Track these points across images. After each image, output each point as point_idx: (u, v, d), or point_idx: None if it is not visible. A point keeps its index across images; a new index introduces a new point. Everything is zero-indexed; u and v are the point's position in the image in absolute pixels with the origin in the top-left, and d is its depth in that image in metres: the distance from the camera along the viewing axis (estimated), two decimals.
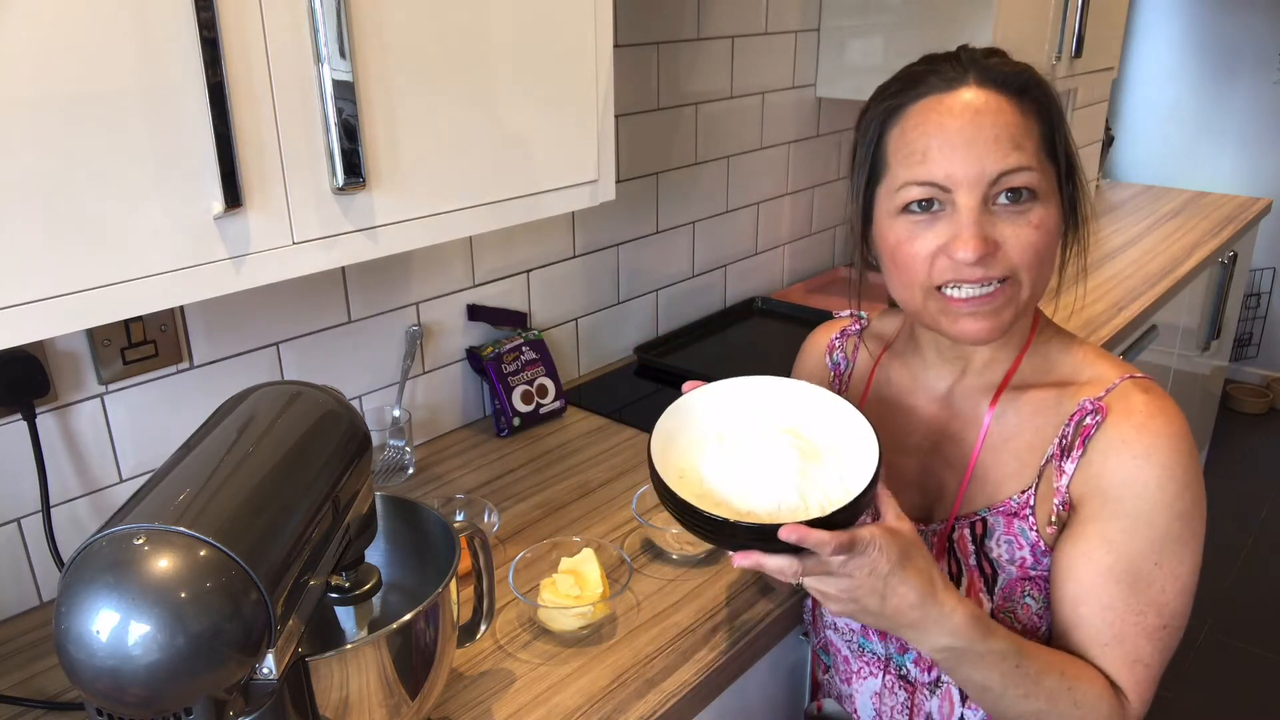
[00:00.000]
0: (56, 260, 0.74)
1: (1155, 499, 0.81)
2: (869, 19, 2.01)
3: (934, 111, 0.82)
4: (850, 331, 1.08)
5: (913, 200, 0.83)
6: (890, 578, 0.75)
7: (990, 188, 0.80)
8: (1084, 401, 0.85)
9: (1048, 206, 0.82)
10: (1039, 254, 0.82)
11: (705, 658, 1.05)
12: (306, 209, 0.88)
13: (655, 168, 1.80)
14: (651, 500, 1.28)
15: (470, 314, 1.55)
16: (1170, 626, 0.83)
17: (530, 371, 1.56)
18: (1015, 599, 0.89)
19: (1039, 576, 0.88)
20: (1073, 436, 0.85)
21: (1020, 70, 0.84)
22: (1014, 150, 0.80)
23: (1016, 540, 0.88)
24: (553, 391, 1.59)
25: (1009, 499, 0.89)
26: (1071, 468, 0.84)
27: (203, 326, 1.22)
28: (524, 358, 1.56)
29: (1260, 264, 3.75)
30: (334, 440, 0.79)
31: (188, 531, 0.62)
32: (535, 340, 1.59)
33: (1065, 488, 0.85)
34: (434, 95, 0.95)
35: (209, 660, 0.60)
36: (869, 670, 1.01)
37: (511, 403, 1.53)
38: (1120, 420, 0.83)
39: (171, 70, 0.76)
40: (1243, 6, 3.63)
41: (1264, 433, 3.64)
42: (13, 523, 1.11)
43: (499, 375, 1.53)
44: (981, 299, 0.82)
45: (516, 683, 1.01)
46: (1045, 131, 0.83)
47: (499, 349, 1.54)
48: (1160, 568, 0.82)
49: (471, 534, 0.95)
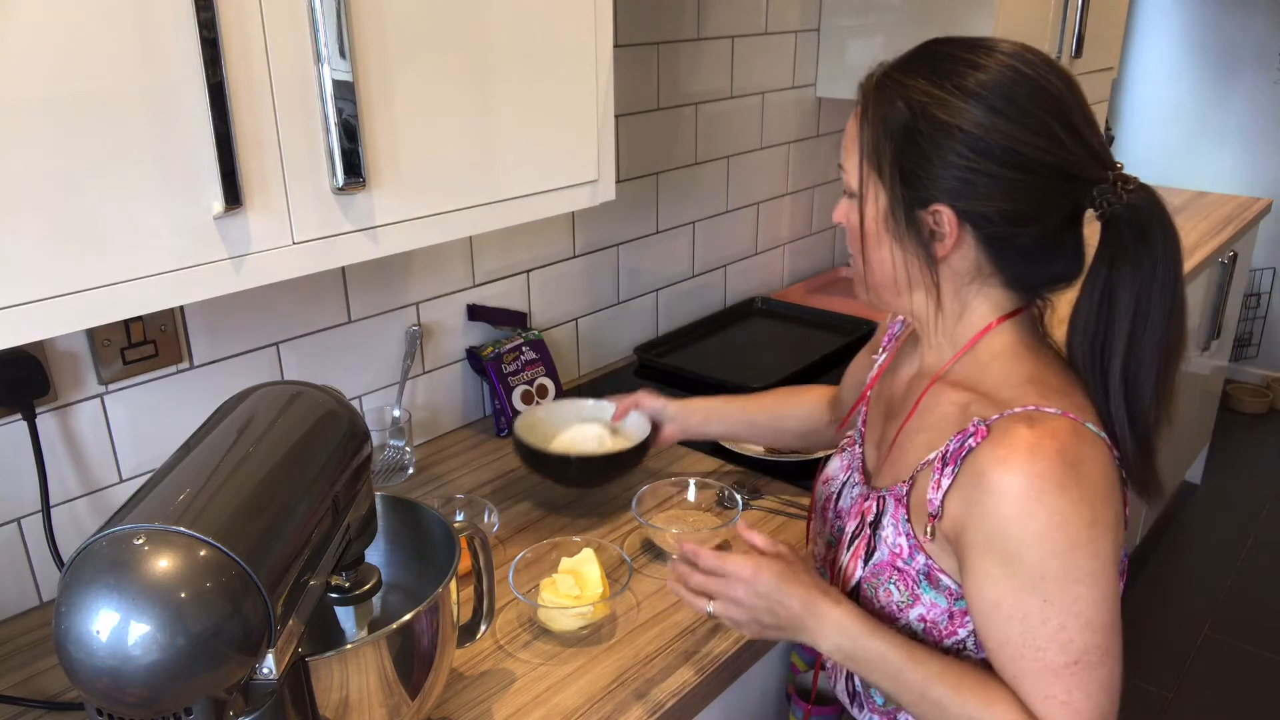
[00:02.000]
0: (56, 260, 0.74)
1: (1019, 537, 0.79)
2: (869, 19, 2.01)
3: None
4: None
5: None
6: (774, 594, 0.90)
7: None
8: (975, 421, 0.85)
9: (854, 205, 0.92)
10: (850, 242, 0.95)
11: (705, 658, 1.05)
12: (306, 209, 0.88)
13: (655, 168, 1.80)
14: (651, 500, 1.28)
15: (470, 314, 1.55)
16: (1083, 662, 0.80)
17: (530, 371, 1.56)
18: (880, 579, 0.92)
19: (907, 572, 0.90)
20: (951, 453, 0.85)
21: (881, 80, 0.89)
22: (844, 151, 0.93)
23: (898, 526, 0.91)
24: (553, 391, 1.59)
25: (898, 484, 0.93)
26: (947, 483, 0.85)
27: (203, 326, 1.22)
28: (524, 358, 1.56)
29: (1260, 264, 3.75)
30: (334, 440, 0.79)
31: (188, 531, 0.62)
32: (535, 340, 1.59)
33: (939, 501, 0.85)
34: (434, 95, 0.95)
35: (209, 660, 0.60)
36: None
37: (511, 402, 1.53)
38: (988, 450, 0.82)
39: (171, 70, 0.76)
40: (1243, 6, 3.63)
41: (1264, 433, 3.64)
42: (13, 523, 1.11)
43: (499, 375, 1.53)
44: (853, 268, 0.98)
45: (516, 683, 1.01)
46: (871, 143, 0.89)
47: (499, 349, 1.54)
48: (1050, 604, 0.79)
49: (471, 534, 0.95)
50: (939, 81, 0.84)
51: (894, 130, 0.86)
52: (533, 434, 1.36)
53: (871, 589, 0.93)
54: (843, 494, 1.05)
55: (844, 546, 0.97)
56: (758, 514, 1.32)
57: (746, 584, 0.91)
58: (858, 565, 0.94)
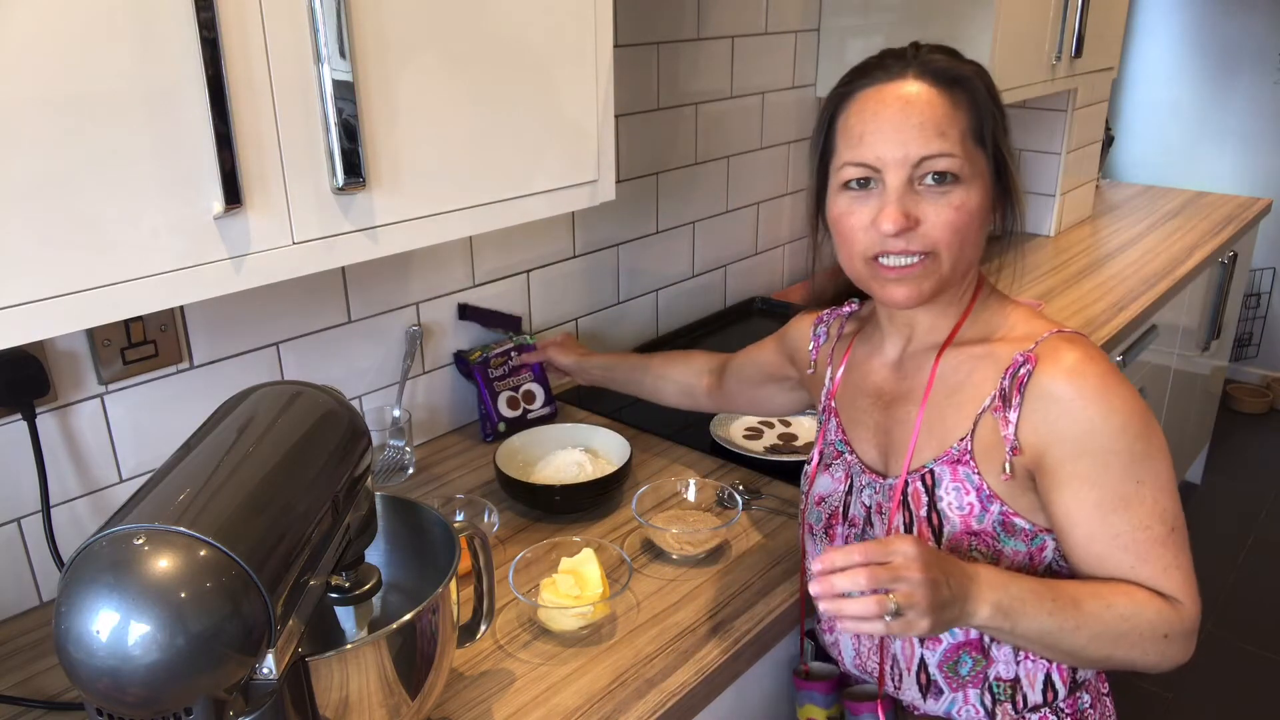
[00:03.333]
0: (57, 260, 0.74)
1: (1107, 430, 0.88)
2: (869, 19, 2.01)
3: (873, 100, 0.92)
4: (839, 312, 1.16)
5: (851, 178, 0.93)
6: (941, 559, 0.83)
7: (915, 169, 0.90)
8: (1016, 355, 0.92)
9: (970, 190, 0.91)
10: (958, 232, 0.91)
11: (705, 658, 1.05)
12: (306, 209, 0.88)
13: (655, 168, 1.80)
14: (651, 500, 1.28)
15: (461, 313, 1.51)
16: (1177, 528, 0.90)
17: (517, 378, 1.54)
18: (961, 552, 0.94)
19: (984, 532, 0.93)
20: (1010, 387, 0.91)
21: (954, 66, 0.92)
22: (937, 137, 0.89)
23: (963, 486, 0.94)
24: (541, 398, 1.56)
25: (950, 448, 0.95)
26: (1015, 416, 0.91)
27: (203, 326, 1.22)
28: (512, 363, 1.53)
29: (1260, 264, 3.75)
30: (334, 440, 0.79)
31: (188, 531, 0.62)
32: (527, 346, 1.56)
33: (1013, 435, 0.91)
34: (434, 95, 0.95)
35: (209, 660, 0.60)
36: None
37: (497, 408, 1.51)
38: (1050, 369, 0.90)
39: (171, 70, 0.76)
40: (1243, 6, 3.63)
41: (1264, 433, 3.64)
42: (13, 523, 1.11)
43: (485, 380, 1.51)
44: (904, 269, 0.92)
45: (516, 683, 1.01)
46: (973, 122, 0.92)
47: (487, 354, 1.51)
48: (1143, 485, 0.88)
49: (471, 534, 0.95)
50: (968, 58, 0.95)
51: (989, 111, 0.93)
52: (512, 463, 1.36)
53: None
54: (850, 505, 1.05)
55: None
56: (758, 514, 1.32)
57: (918, 558, 0.79)
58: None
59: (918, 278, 0.93)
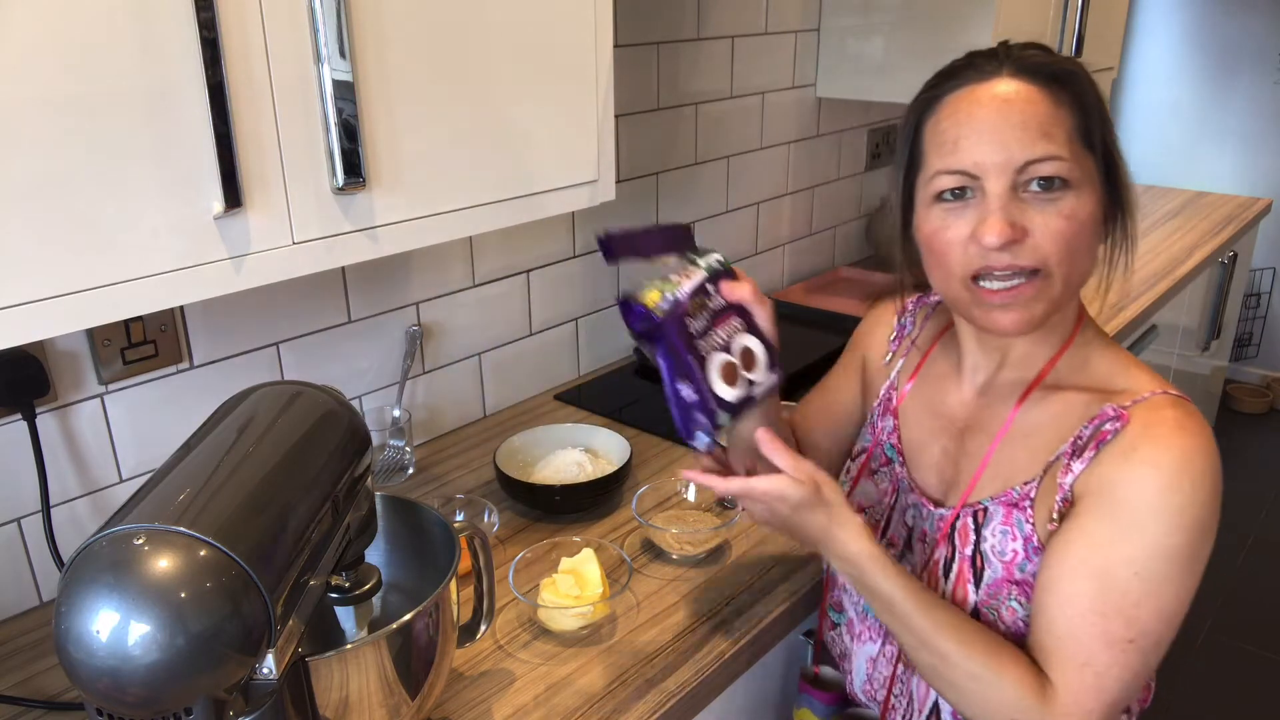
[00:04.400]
0: (56, 260, 0.74)
1: (1154, 507, 0.79)
2: (869, 19, 2.01)
3: (965, 101, 0.84)
4: (925, 300, 1.08)
5: (945, 189, 0.84)
6: (791, 517, 0.88)
7: (1018, 175, 0.81)
8: (1106, 407, 0.83)
9: (1080, 196, 0.82)
10: (1069, 243, 0.82)
11: (705, 658, 1.05)
12: (306, 209, 0.88)
13: (655, 168, 1.80)
14: (651, 500, 1.28)
15: (605, 250, 0.91)
16: (1138, 644, 0.79)
17: (724, 328, 0.91)
18: (1000, 599, 0.88)
19: (1025, 582, 0.87)
20: (1088, 439, 0.83)
21: (1054, 61, 0.84)
22: (1042, 138, 0.80)
23: (1012, 531, 0.88)
24: (763, 357, 0.92)
25: (1011, 489, 0.89)
26: (1080, 467, 0.83)
27: (203, 326, 1.22)
28: (713, 304, 0.91)
29: (1260, 264, 3.75)
30: (334, 440, 0.79)
31: (188, 531, 0.62)
32: (720, 271, 0.93)
33: (1069, 485, 0.83)
34: (434, 95, 0.95)
35: (209, 660, 0.60)
36: (870, 635, 1.01)
37: (709, 381, 0.88)
38: (1138, 429, 0.81)
39: (171, 70, 0.76)
40: (1243, 6, 3.63)
41: (1264, 433, 3.64)
42: (13, 523, 1.11)
43: (684, 340, 0.88)
44: (1012, 291, 0.83)
45: (516, 683, 1.01)
46: (1080, 121, 0.83)
47: (673, 292, 0.88)
48: (1139, 579, 0.78)
49: (471, 534, 0.95)
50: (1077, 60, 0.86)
51: (1097, 109, 0.85)
52: (512, 463, 1.36)
53: (992, 611, 0.88)
54: (892, 521, 1.01)
55: (939, 574, 0.92)
56: None
57: (766, 505, 0.89)
58: (968, 591, 0.90)
59: (1028, 301, 0.83)
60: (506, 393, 1.65)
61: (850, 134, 2.31)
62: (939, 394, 1.00)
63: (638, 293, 0.89)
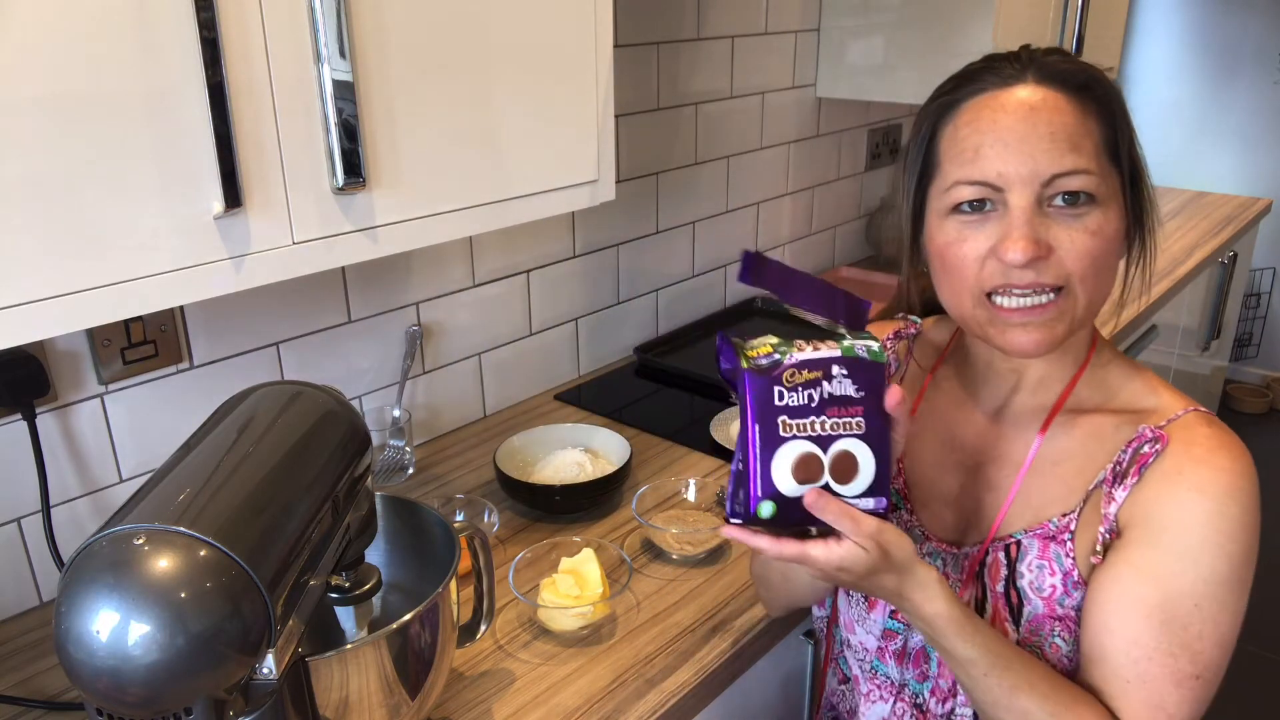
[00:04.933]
0: (57, 260, 0.74)
1: (1204, 536, 0.76)
2: (869, 19, 2.01)
3: (987, 108, 0.79)
4: (904, 334, 1.01)
5: (963, 200, 0.80)
6: (858, 584, 0.77)
7: (1044, 188, 0.77)
8: (1143, 429, 0.80)
9: (1107, 212, 0.78)
10: (1095, 261, 0.78)
11: (705, 658, 1.05)
12: (306, 209, 0.88)
13: (655, 168, 1.80)
14: (652, 500, 1.28)
15: (746, 268, 0.77)
16: (1203, 679, 0.76)
17: (835, 417, 0.75)
18: (1043, 635, 0.84)
19: (1067, 616, 0.83)
20: (1128, 464, 0.80)
21: (1082, 68, 0.80)
22: (1070, 150, 0.76)
23: (1050, 565, 0.83)
24: (868, 473, 0.75)
25: (1048, 522, 0.84)
26: (1123, 495, 0.79)
27: (203, 326, 1.22)
28: (828, 389, 0.75)
29: (1260, 264, 3.75)
30: (334, 440, 0.79)
31: (188, 531, 0.62)
32: (861, 359, 0.75)
33: (1114, 515, 0.80)
34: (434, 95, 0.95)
35: (209, 660, 0.60)
36: (879, 694, 0.97)
37: (769, 468, 0.74)
38: (1180, 451, 0.78)
39: (171, 70, 0.76)
40: (1243, 6, 3.63)
41: (1264, 433, 3.64)
42: (13, 523, 1.11)
43: (759, 404, 0.74)
44: (1032, 309, 0.78)
45: (516, 683, 1.01)
46: (1107, 133, 0.79)
47: (781, 355, 0.76)
48: (1200, 610, 0.76)
49: (471, 534, 0.95)
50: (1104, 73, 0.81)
51: (1123, 119, 0.80)
52: (512, 463, 1.36)
53: (1035, 650, 0.84)
54: None
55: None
56: None
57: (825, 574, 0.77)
58: (1007, 629, 0.85)
59: (1050, 321, 0.78)
60: (506, 393, 1.65)
61: (850, 134, 2.31)
62: (948, 426, 0.94)
63: (750, 341, 0.78)
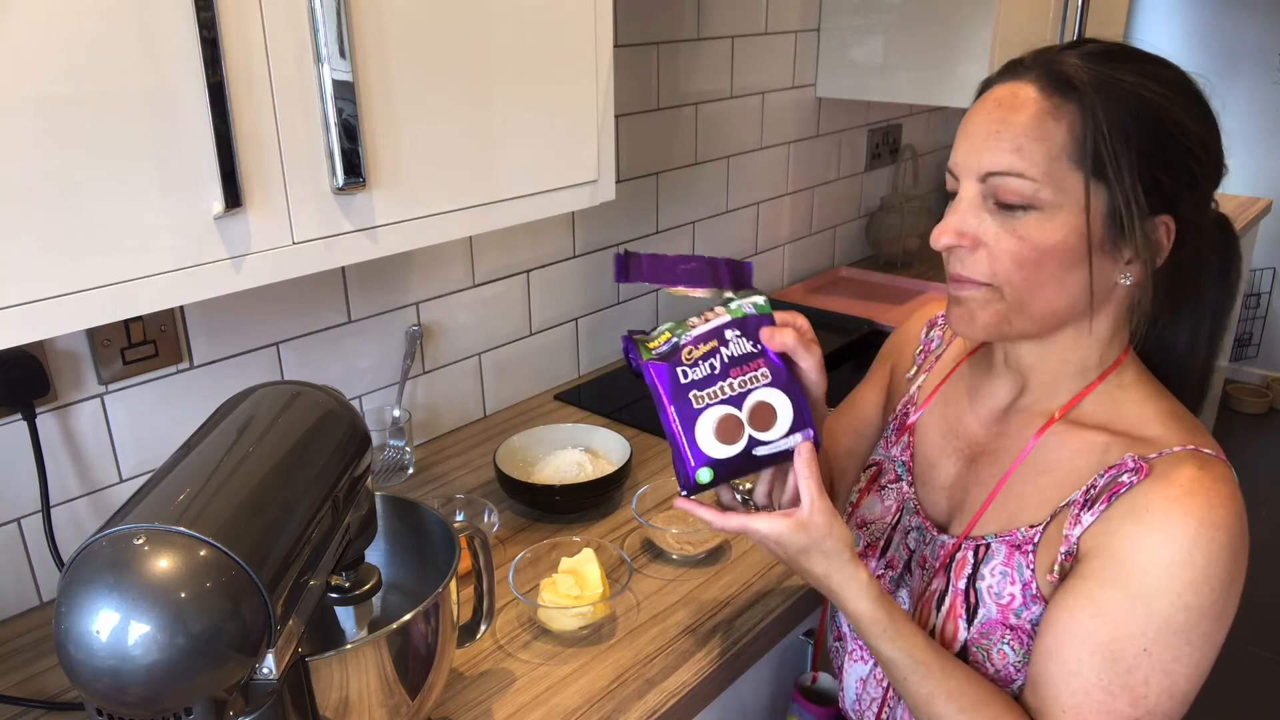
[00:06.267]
0: (57, 260, 0.74)
1: (1163, 583, 0.74)
2: (869, 19, 2.01)
3: (983, 100, 0.82)
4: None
5: (947, 186, 0.84)
6: (795, 560, 0.85)
7: (982, 184, 0.79)
8: (1127, 457, 0.79)
9: (1048, 220, 0.76)
10: (1021, 266, 0.77)
11: (705, 658, 1.05)
12: (306, 209, 0.88)
13: (655, 168, 1.80)
14: (652, 500, 1.28)
15: (620, 269, 0.88)
16: None
17: (739, 375, 0.84)
18: (991, 640, 0.85)
19: (1020, 627, 0.83)
20: (1101, 489, 0.79)
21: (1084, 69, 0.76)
22: (1011, 152, 0.76)
23: (1011, 574, 0.83)
24: (787, 417, 0.84)
25: (1016, 530, 0.85)
26: (1089, 519, 0.79)
27: (203, 326, 1.22)
28: (727, 352, 0.85)
29: (1260, 264, 3.75)
30: (334, 440, 0.79)
31: (188, 531, 0.62)
32: (758, 316, 0.86)
33: (1075, 538, 0.79)
34: (434, 95, 0.95)
35: (209, 660, 0.60)
36: (860, 655, 0.99)
37: (696, 439, 0.83)
38: (1155, 487, 0.76)
39: (171, 70, 0.76)
40: (1243, 6, 3.63)
41: (1264, 433, 3.64)
42: (13, 523, 1.11)
43: (671, 387, 0.83)
44: (961, 283, 0.82)
45: (516, 683, 1.01)
46: (1080, 139, 0.75)
47: (678, 335, 0.85)
48: (1149, 655, 0.74)
49: (471, 534, 0.95)
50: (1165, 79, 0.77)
51: (1132, 130, 0.75)
52: (512, 463, 1.36)
53: (982, 651, 0.85)
54: (893, 542, 0.97)
55: (932, 606, 0.89)
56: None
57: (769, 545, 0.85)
58: (959, 626, 0.86)
59: (971, 303, 0.82)
60: (506, 393, 1.65)
61: (850, 134, 2.31)
62: (957, 414, 0.96)
63: (650, 333, 0.86)
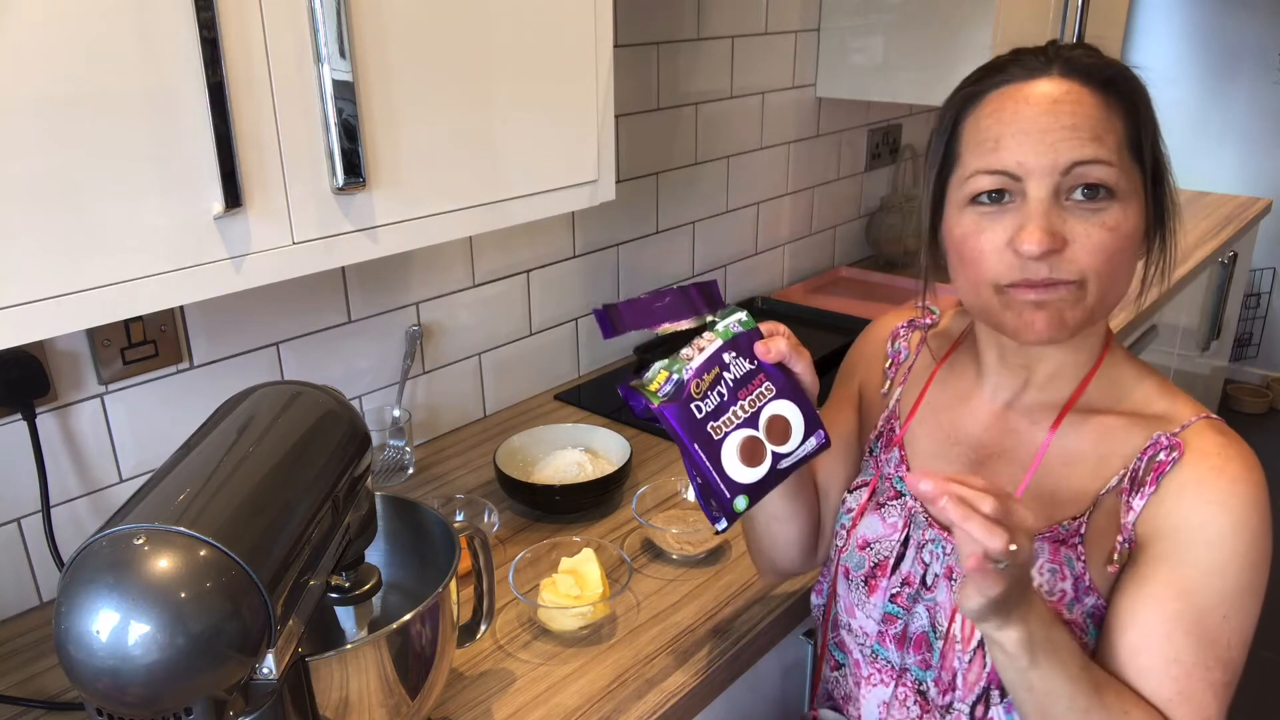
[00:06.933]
0: (56, 260, 0.74)
1: (1228, 548, 0.77)
2: (869, 19, 2.01)
3: (1010, 99, 0.79)
4: (919, 324, 1.03)
5: (982, 190, 0.80)
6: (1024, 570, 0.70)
7: (1063, 178, 0.76)
8: (1158, 436, 0.81)
9: (1126, 209, 0.78)
10: (1110, 258, 0.77)
11: (705, 658, 1.05)
12: (306, 209, 0.88)
13: (655, 168, 1.80)
14: (652, 500, 1.28)
15: (604, 324, 0.87)
16: (1231, 683, 0.79)
17: (746, 397, 0.85)
18: None
19: (1075, 622, 0.82)
20: (1144, 472, 0.80)
21: (1108, 63, 0.80)
22: (1091, 140, 0.76)
23: (1061, 570, 0.82)
24: (799, 422, 0.86)
25: (1058, 525, 0.83)
26: (1140, 504, 0.80)
27: (203, 326, 1.22)
28: (730, 376, 0.85)
29: (1260, 264, 3.75)
30: (334, 440, 0.79)
31: (188, 531, 0.62)
32: (745, 332, 0.88)
33: (1132, 525, 0.80)
34: (434, 95, 0.95)
35: (209, 660, 0.60)
36: (880, 678, 0.97)
37: (724, 470, 0.82)
38: (1198, 461, 0.79)
39: (171, 70, 0.76)
40: (1243, 6, 3.63)
41: (1264, 433, 3.63)
42: (13, 523, 1.11)
43: (689, 429, 0.82)
44: (1048, 287, 0.78)
45: (516, 683, 1.01)
46: (1131, 130, 0.79)
47: (679, 372, 0.85)
48: (1228, 621, 0.77)
49: (471, 534, 0.95)
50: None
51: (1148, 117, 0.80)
52: (512, 463, 1.36)
53: None
54: (905, 558, 0.92)
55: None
56: None
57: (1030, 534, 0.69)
58: None
59: (1062, 304, 0.78)
60: (506, 393, 1.65)
61: (850, 134, 2.31)
62: (952, 420, 0.94)
63: (645, 376, 0.85)
